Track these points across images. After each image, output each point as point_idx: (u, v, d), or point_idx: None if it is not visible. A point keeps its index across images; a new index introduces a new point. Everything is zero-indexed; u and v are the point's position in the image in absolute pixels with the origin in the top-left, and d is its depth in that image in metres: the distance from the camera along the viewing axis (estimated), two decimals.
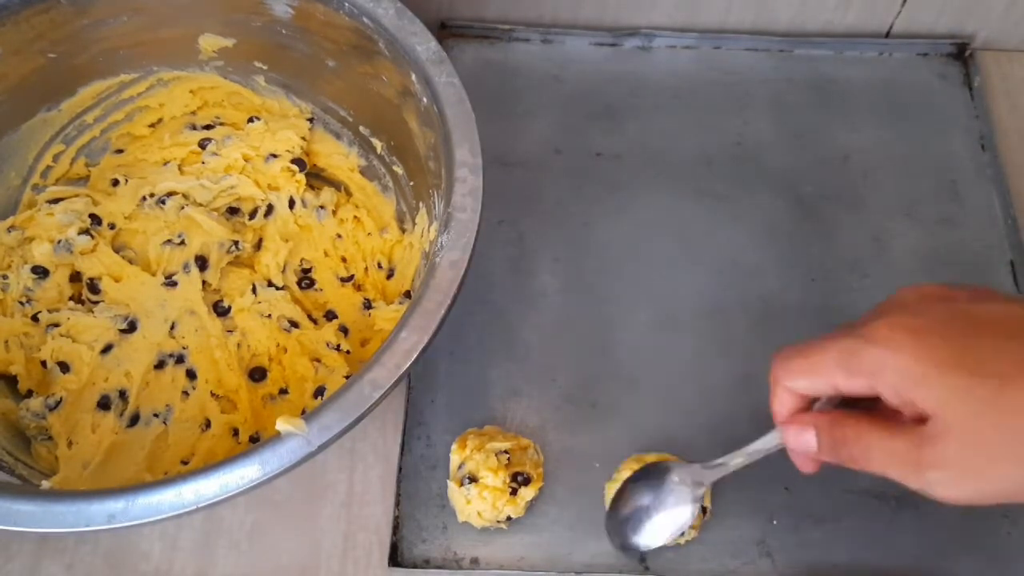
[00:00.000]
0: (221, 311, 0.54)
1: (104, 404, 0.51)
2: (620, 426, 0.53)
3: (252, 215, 0.58)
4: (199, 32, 0.56)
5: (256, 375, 0.52)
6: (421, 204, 0.54)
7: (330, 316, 0.55)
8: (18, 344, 0.52)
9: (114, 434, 0.50)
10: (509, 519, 0.49)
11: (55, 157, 0.57)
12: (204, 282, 0.55)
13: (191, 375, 0.52)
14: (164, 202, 0.57)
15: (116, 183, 0.58)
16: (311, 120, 0.59)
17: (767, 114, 0.65)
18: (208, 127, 0.59)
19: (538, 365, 0.55)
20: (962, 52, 0.67)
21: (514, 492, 0.48)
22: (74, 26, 0.53)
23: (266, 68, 0.58)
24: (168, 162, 0.58)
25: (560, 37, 0.67)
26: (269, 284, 0.55)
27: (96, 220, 0.56)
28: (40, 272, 0.54)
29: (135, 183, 0.57)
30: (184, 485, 0.38)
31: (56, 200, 0.56)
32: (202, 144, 0.59)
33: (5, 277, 0.53)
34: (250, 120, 0.59)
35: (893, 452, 0.35)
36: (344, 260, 0.57)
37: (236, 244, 0.56)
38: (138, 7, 0.53)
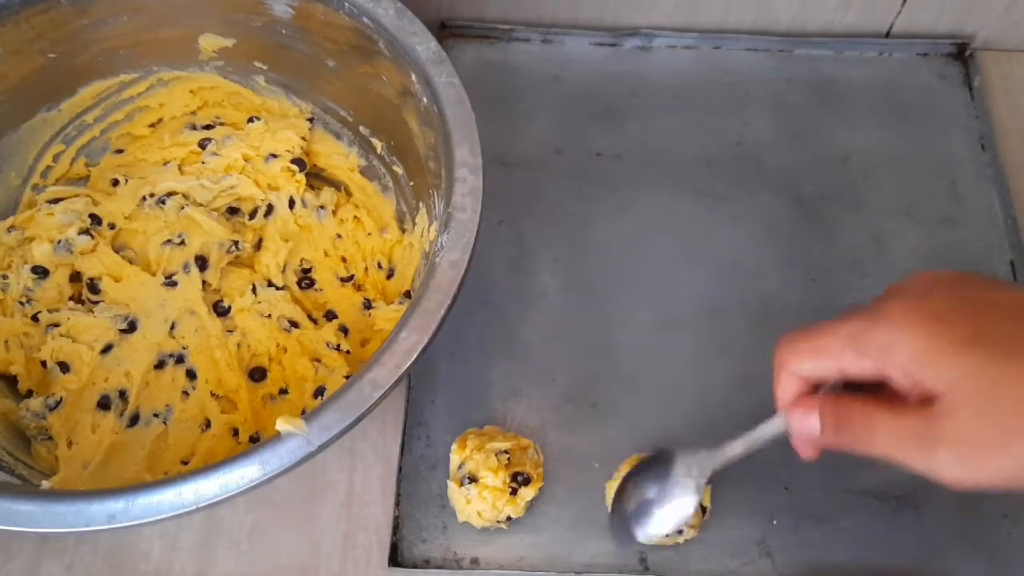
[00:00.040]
0: (221, 311, 0.54)
1: (104, 404, 0.51)
2: (620, 426, 0.53)
3: (252, 215, 0.58)
4: (199, 32, 0.56)
5: (256, 375, 0.52)
6: (421, 204, 0.54)
7: (330, 316, 0.55)
8: (18, 344, 0.52)
9: (114, 434, 0.50)
10: (509, 519, 0.49)
11: (55, 157, 0.57)
12: (204, 282, 0.55)
13: (191, 375, 0.52)
14: (164, 202, 0.57)
15: (116, 183, 0.58)
16: (311, 120, 0.59)
17: (767, 114, 0.65)
18: (208, 127, 0.59)
19: (538, 365, 0.55)
20: (962, 52, 0.67)
21: (514, 492, 0.49)
22: (74, 26, 0.53)
23: (266, 68, 0.58)
24: (168, 162, 0.58)
25: (560, 37, 0.67)
26: (269, 284, 0.55)
27: (96, 220, 0.56)
28: (40, 272, 0.54)
29: (135, 183, 0.57)
30: (184, 485, 0.38)
31: (56, 200, 0.56)
32: (202, 144, 0.59)
33: (5, 277, 0.53)
34: (250, 120, 0.59)
35: (900, 431, 0.34)
36: (344, 260, 0.57)
37: (236, 244, 0.56)
38: (138, 7, 0.53)
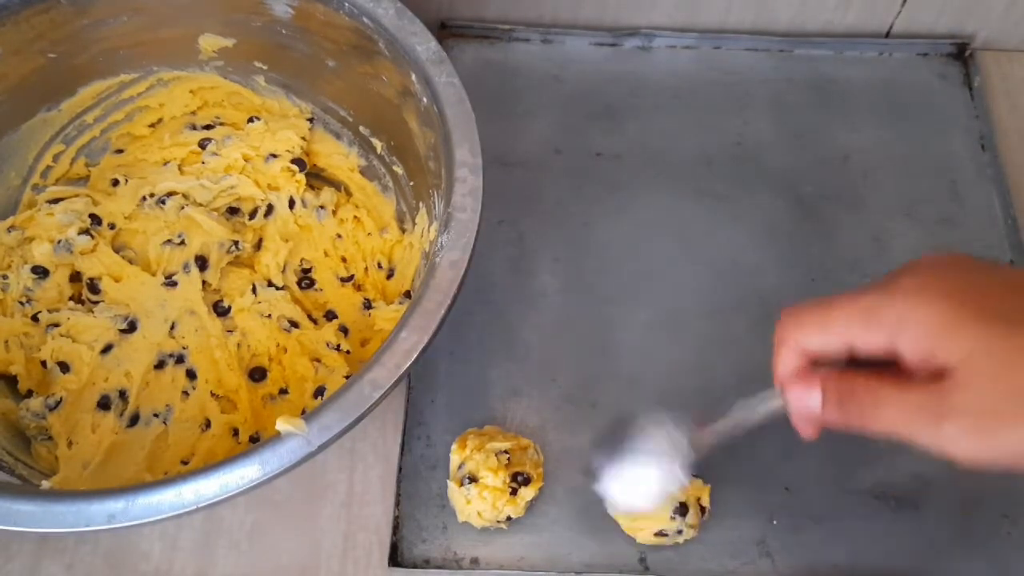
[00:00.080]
0: (221, 311, 0.54)
1: (104, 404, 0.51)
2: None
3: (252, 215, 0.58)
4: (199, 32, 0.56)
5: (256, 375, 0.52)
6: (421, 204, 0.54)
7: (330, 316, 0.55)
8: (18, 344, 0.52)
9: (114, 434, 0.50)
10: (509, 519, 0.49)
11: (55, 157, 0.57)
12: (204, 282, 0.55)
13: (191, 375, 0.52)
14: (164, 202, 0.57)
15: (116, 183, 0.58)
16: (311, 120, 0.59)
17: (767, 114, 0.65)
18: (208, 127, 0.59)
19: (538, 365, 0.55)
20: (962, 52, 0.67)
21: (514, 492, 0.48)
22: (74, 26, 0.53)
23: (266, 68, 0.58)
24: (168, 162, 0.58)
25: (560, 37, 0.67)
26: (269, 284, 0.55)
27: (96, 220, 0.56)
28: (40, 272, 0.54)
29: (135, 183, 0.57)
30: (184, 485, 0.38)
31: (56, 200, 0.56)
32: (202, 144, 0.59)
33: (5, 277, 0.53)
34: (250, 120, 0.59)
35: (907, 405, 0.34)
36: (344, 260, 0.57)
37: (236, 244, 0.56)
38: (138, 7, 0.53)
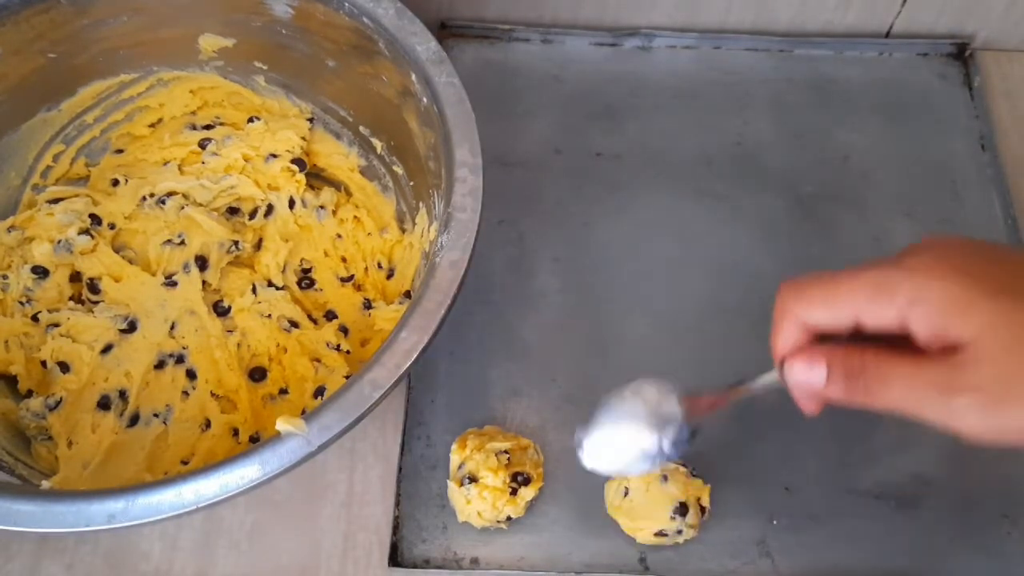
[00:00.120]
0: (221, 311, 0.54)
1: (104, 404, 0.51)
2: None
3: (252, 215, 0.58)
4: (199, 32, 0.56)
5: (256, 375, 0.52)
6: (421, 204, 0.54)
7: (330, 316, 0.55)
8: (18, 344, 0.52)
9: (114, 434, 0.50)
10: (509, 519, 0.49)
11: (55, 157, 0.57)
12: (204, 282, 0.55)
13: (191, 375, 0.52)
14: (164, 202, 0.57)
15: (116, 183, 0.58)
16: (311, 120, 0.59)
17: (767, 114, 0.65)
18: (208, 127, 0.59)
19: (538, 365, 0.55)
20: (962, 52, 0.67)
21: (514, 492, 0.48)
22: (74, 26, 0.53)
23: (266, 68, 0.58)
24: (168, 162, 0.58)
25: (560, 37, 0.67)
26: (269, 284, 0.55)
27: (96, 220, 0.56)
28: (40, 272, 0.54)
29: (135, 183, 0.57)
30: (184, 485, 0.38)
31: (56, 200, 0.56)
32: (202, 144, 0.59)
33: (5, 277, 0.53)
34: (250, 120, 0.59)
35: (917, 380, 0.33)
36: (344, 260, 0.57)
37: (236, 244, 0.56)
38: (138, 7, 0.53)
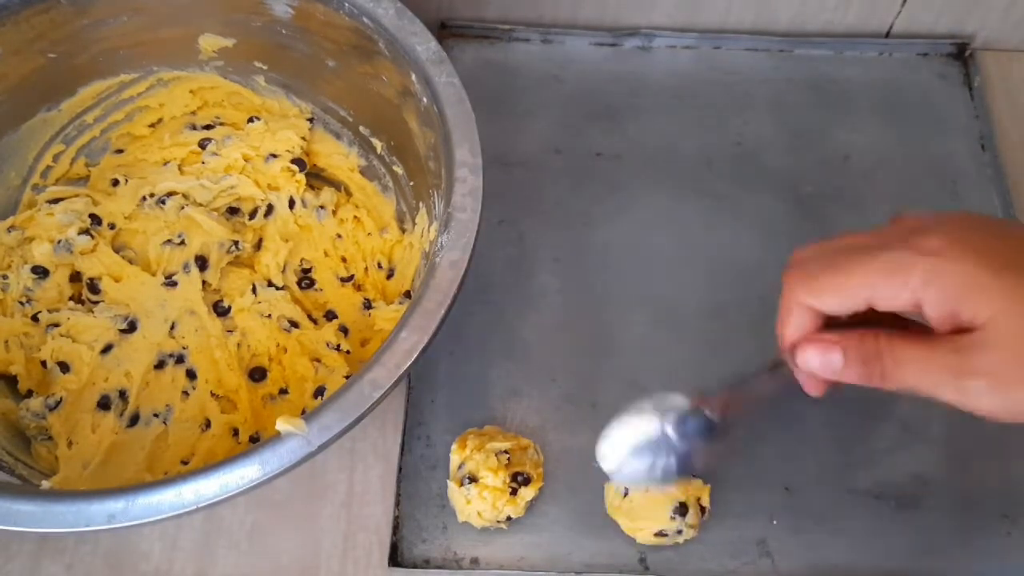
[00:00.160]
0: (221, 311, 0.54)
1: (104, 404, 0.51)
2: None
3: (252, 215, 0.58)
4: (199, 32, 0.56)
5: (256, 375, 0.52)
6: (421, 204, 0.54)
7: (330, 316, 0.55)
8: (18, 344, 0.52)
9: (114, 434, 0.50)
10: (509, 519, 0.49)
11: (55, 157, 0.57)
12: (204, 282, 0.55)
13: (191, 375, 0.52)
14: (164, 202, 0.57)
15: (116, 183, 0.58)
16: (311, 120, 0.59)
17: (767, 114, 0.65)
18: (208, 127, 0.59)
19: (538, 365, 0.55)
20: (962, 52, 0.67)
21: (514, 492, 0.48)
22: (74, 26, 0.53)
23: (266, 68, 0.58)
24: (168, 162, 0.58)
25: (560, 37, 0.67)
26: (269, 284, 0.55)
27: (96, 220, 0.56)
28: (40, 272, 0.54)
29: (135, 183, 0.57)
30: (184, 485, 0.38)
31: (56, 200, 0.56)
32: (202, 144, 0.59)
33: (5, 277, 0.53)
34: (250, 120, 0.59)
35: (930, 360, 0.34)
36: (344, 260, 0.57)
37: (236, 244, 0.56)
38: (138, 7, 0.53)
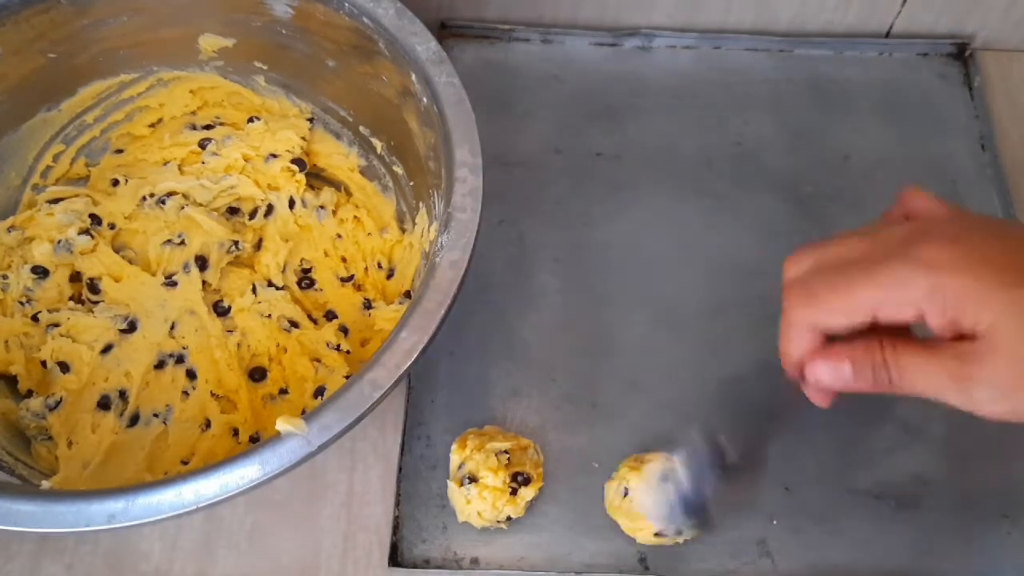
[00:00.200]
0: (221, 311, 0.54)
1: (104, 404, 0.51)
2: (620, 426, 0.53)
3: (252, 215, 0.58)
4: (199, 32, 0.56)
5: (256, 375, 0.52)
6: (421, 204, 0.54)
7: (330, 316, 0.55)
8: (18, 344, 0.52)
9: (114, 434, 0.50)
10: (509, 519, 0.49)
11: (55, 157, 0.57)
12: (204, 282, 0.55)
13: (191, 375, 0.52)
14: (164, 202, 0.57)
15: (116, 183, 0.58)
16: (311, 120, 0.59)
17: (767, 114, 0.65)
18: (208, 127, 0.59)
19: (538, 365, 0.55)
20: (962, 52, 0.67)
21: (514, 492, 0.48)
22: (74, 26, 0.53)
23: (266, 68, 0.58)
24: (168, 162, 0.58)
25: (560, 37, 0.67)
26: (269, 284, 0.55)
27: (96, 220, 0.56)
28: (40, 272, 0.54)
29: (135, 183, 0.57)
30: (184, 485, 0.38)
31: (56, 200, 0.56)
32: (202, 144, 0.59)
33: (5, 277, 0.53)
34: (250, 120, 0.59)
35: (933, 368, 0.34)
36: (344, 260, 0.57)
37: (236, 244, 0.56)
38: (138, 7, 0.53)
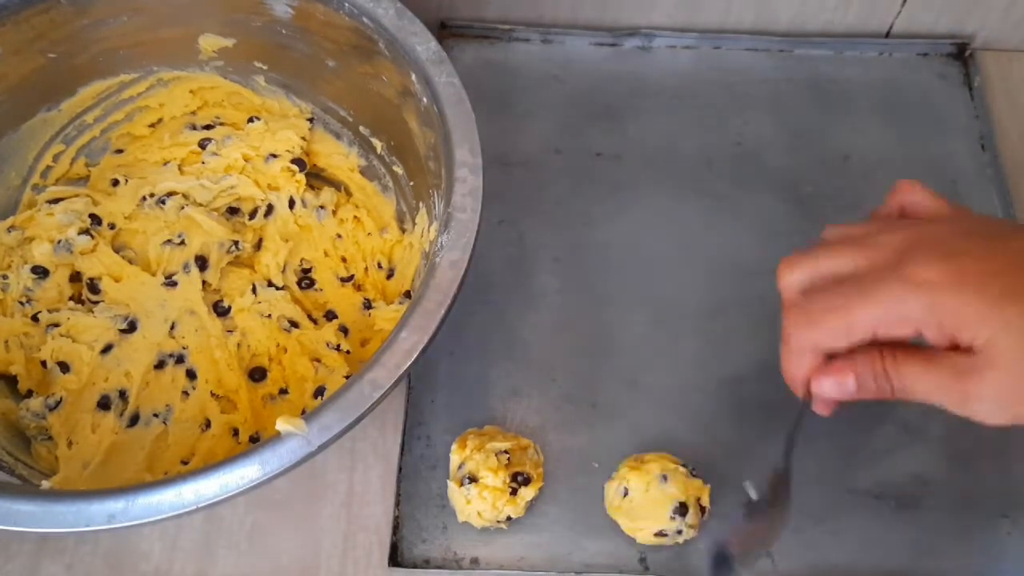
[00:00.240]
0: (221, 311, 0.54)
1: (104, 404, 0.51)
2: (620, 426, 0.53)
3: (252, 215, 0.58)
4: (199, 32, 0.56)
5: (256, 375, 0.52)
6: (421, 204, 0.54)
7: (330, 316, 0.55)
8: (18, 344, 0.52)
9: (114, 434, 0.50)
10: (509, 519, 0.49)
11: (55, 157, 0.57)
12: (204, 282, 0.55)
13: (191, 375, 0.52)
14: (164, 202, 0.57)
15: (116, 183, 0.58)
16: (311, 120, 0.59)
17: (767, 114, 0.65)
18: (208, 127, 0.59)
19: (538, 365, 0.55)
20: (962, 52, 0.67)
21: (514, 492, 0.48)
22: (74, 26, 0.53)
23: (266, 68, 0.58)
24: (168, 162, 0.58)
25: (560, 37, 0.67)
26: (269, 284, 0.55)
27: (96, 220, 0.56)
28: (40, 272, 0.54)
29: (135, 183, 0.57)
30: (184, 485, 0.38)
31: (56, 200, 0.56)
32: (202, 144, 0.59)
33: (5, 277, 0.53)
34: (250, 120, 0.59)
35: (935, 382, 0.36)
36: (344, 260, 0.57)
37: (236, 244, 0.56)
38: (138, 7, 0.53)
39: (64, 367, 0.52)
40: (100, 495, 0.38)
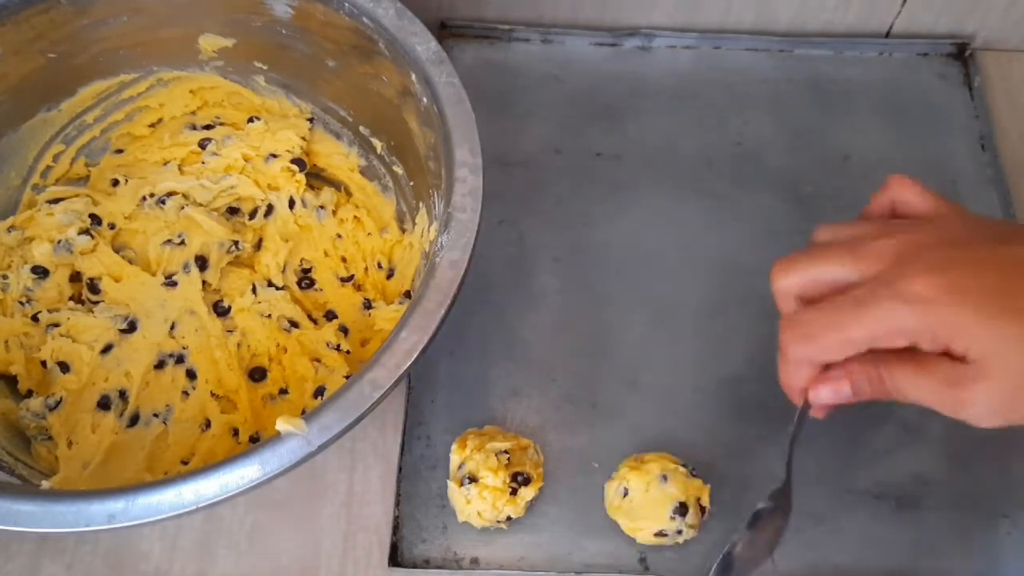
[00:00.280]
0: (221, 311, 0.54)
1: (104, 404, 0.51)
2: (620, 426, 0.53)
3: (252, 215, 0.58)
4: (199, 32, 0.56)
5: (256, 375, 0.52)
6: (421, 204, 0.54)
7: (330, 316, 0.55)
8: (18, 344, 0.52)
9: (114, 434, 0.50)
10: (509, 519, 0.49)
11: (55, 157, 0.57)
12: (204, 282, 0.55)
13: (191, 375, 0.52)
14: (164, 202, 0.57)
15: (116, 183, 0.58)
16: (311, 120, 0.59)
17: (767, 114, 0.65)
18: (208, 127, 0.59)
19: (538, 365, 0.55)
20: (962, 52, 0.67)
21: (514, 492, 0.48)
22: (74, 26, 0.53)
23: (266, 68, 0.58)
24: (168, 162, 0.58)
25: (560, 37, 0.67)
26: (269, 284, 0.55)
27: (96, 220, 0.56)
28: (40, 272, 0.54)
29: (135, 183, 0.57)
30: (184, 485, 0.38)
31: (56, 200, 0.56)
32: (202, 144, 0.59)
33: (5, 277, 0.53)
34: (250, 120, 0.59)
35: (928, 388, 0.37)
36: (344, 260, 0.57)
37: (236, 244, 0.56)
38: (138, 7, 0.53)
39: (64, 367, 0.52)
40: (100, 495, 0.38)
